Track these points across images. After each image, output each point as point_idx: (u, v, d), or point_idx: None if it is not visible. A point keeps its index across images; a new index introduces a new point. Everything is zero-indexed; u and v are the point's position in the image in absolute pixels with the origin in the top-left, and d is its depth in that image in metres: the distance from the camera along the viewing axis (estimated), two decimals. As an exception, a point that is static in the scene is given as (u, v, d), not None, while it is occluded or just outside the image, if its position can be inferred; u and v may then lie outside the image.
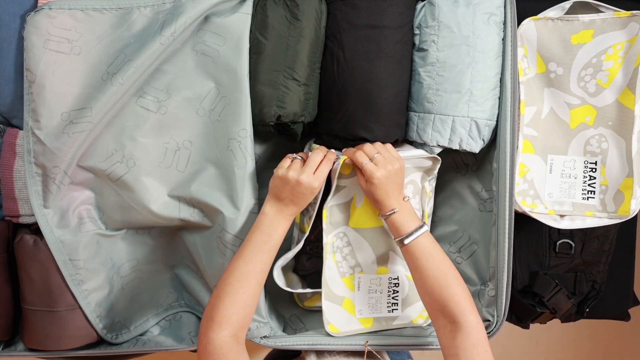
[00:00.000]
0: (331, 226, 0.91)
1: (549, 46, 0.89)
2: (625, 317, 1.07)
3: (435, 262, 0.80)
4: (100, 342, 0.93)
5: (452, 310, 0.77)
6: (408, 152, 0.89)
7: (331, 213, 0.90)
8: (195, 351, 0.96)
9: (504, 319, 0.90)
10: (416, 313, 0.96)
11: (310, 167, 0.81)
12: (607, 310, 1.04)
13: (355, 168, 0.87)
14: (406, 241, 0.82)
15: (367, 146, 0.85)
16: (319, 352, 0.94)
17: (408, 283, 0.94)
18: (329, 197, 0.87)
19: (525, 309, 0.99)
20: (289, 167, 0.82)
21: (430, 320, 0.94)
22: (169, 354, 0.99)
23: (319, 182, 0.81)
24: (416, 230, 0.82)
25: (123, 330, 0.95)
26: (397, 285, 0.94)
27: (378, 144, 0.87)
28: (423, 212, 0.95)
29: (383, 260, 0.93)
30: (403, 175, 0.86)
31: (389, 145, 0.87)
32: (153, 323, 0.99)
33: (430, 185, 0.95)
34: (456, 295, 0.78)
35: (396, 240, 0.84)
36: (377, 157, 0.83)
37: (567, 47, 0.88)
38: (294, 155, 0.85)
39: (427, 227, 0.84)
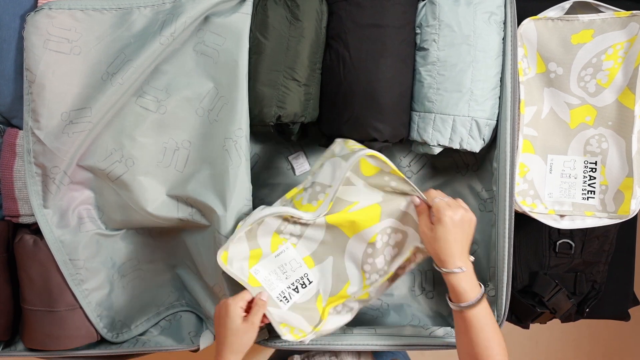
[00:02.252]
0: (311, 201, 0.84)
1: (549, 46, 0.89)
2: (625, 317, 1.07)
3: (488, 334, 0.75)
4: (100, 342, 0.93)
5: None
6: None
7: (325, 191, 0.83)
8: (194, 351, 0.96)
9: (504, 319, 0.90)
10: (290, 321, 0.85)
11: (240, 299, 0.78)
12: (607, 310, 1.04)
13: (417, 212, 0.80)
14: (466, 310, 0.75)
15: (438, 191, 0.80)
16: (303, 352, 0.93)
17: (314, 297, 0.86)
18: (335, 185, 0.80)
19: (525, 309, 0.99)
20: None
21: (289, 338, 0.84)
22: (169, 354, 0.99)
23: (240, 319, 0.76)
24: (478, 296, 0.75)
25: (124, 329, 0.95)
26: (304, 286, 0.86)
27: (448, 197, 0.80)
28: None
29: (318, 257, 0.85)
30: (473, 231, 0.79)
31: (459, 200, 0.80)
32: (154, 322, 0.99)
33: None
34: None
35: (453, 303, 0.77)
36: (447, 199, 0.77)
37: (567, 47, 0.88)
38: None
39: (484, 290, 0.77)
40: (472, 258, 0.79)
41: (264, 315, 0.81)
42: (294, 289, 0.85)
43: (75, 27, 0.82)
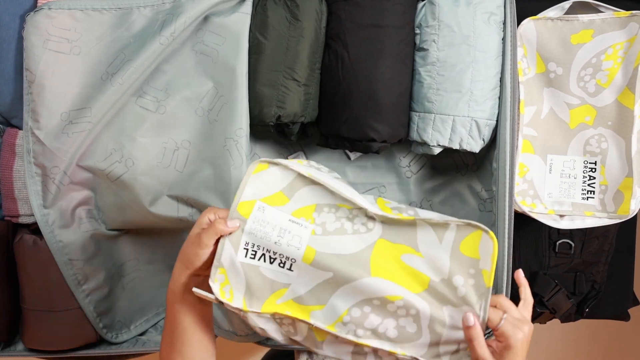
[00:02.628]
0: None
1: (549, 46, 0.89)
2: (625, 317, 1.07)
3: None
4: (100, 342, 0.93)
5: None
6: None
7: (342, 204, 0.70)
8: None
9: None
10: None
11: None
12: (607, 310, 1.04)
13: (466, 334, 0.64)
14: None
15: (503, 299, 0.67)
16: (311, 353, 0.92)
17: (283, 282, 0.68)
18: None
19: (525, 309, 0.99)
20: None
21: None
22: (169, 354, 0.99)
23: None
24: None
25: (123, 329, 0.95)
26: (280, 265, 0.68)
27: (501, 297, 0.68)
28: None
29: (319, 261, 0.67)
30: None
31: (525, 297, 0.70)
32: (153, 323, 0.99)
33: None
34: None
35: None
36: (514, 311, 0.65)
37: (567, 47, 0.88)
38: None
39: None
40: None
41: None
42: (269, 258, 0.68)
43: (75, 27, 0.82)
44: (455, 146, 0.88)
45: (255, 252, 0.68)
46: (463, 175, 1.01)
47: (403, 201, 1.04)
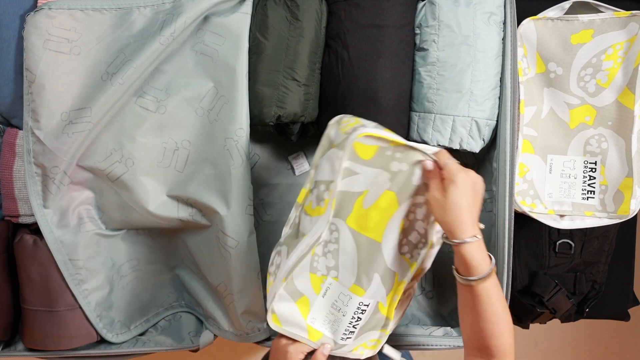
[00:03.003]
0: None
1: (549, 46, 0.89)
2: (625, 317, 1.07)
3: (497, 308, 0.71)
4: (100, 342, 0.93)
5: (494, 353, 0.72)
6: None
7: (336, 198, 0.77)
8: (194, 351, 0.96)
9: (504, 319, 0.90)
10: (360, 342, 0.82)
11: None
12: (607, 310, 1.04)
13: (428, 178, 0.73)
14: (473, 278, 0.70)
15: (448, 153, 0.73)
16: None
17: (374, 309, 0.79)
18: (337, 180, 0.73)
19: (525, 309, 0.99)
20: None
21: (372, 352, 0.82)
22: (169, 354, 0.99)
23: None
24: (489, 268, 0.70)
25: (123, 329, 0.95)
26: (363, 312, 0.79)
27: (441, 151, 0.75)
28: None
29: (364, 279, 0.77)
30: (483, 196, 0.73)
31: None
32: (153, 323, 0.99)
33: None
34: (505, 342, 0.72)
35: (462, 277, 0.71)
36: (451, 160, 0.71)
37: (567, 47, 0.88)
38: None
39: (494, 261, 0.72)
40: (481, 226, 0.72)
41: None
42: (355, 322, 0.79)
43: (75, 27, 0.82)
44: (456, 146, 0.88)
45: (348, 331, 0.80)
46: (463, 175, 1.01)
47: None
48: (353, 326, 0.79)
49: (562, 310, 0.99)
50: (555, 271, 0.99)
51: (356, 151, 0.73)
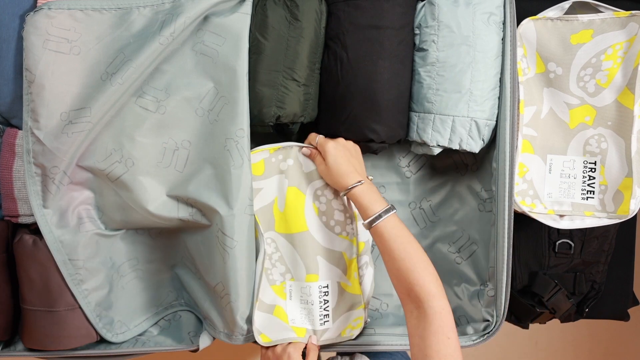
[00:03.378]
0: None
1: (549, 46, 0.89)
2: (625, 317, 1.07)
3: (403, 244, 0.78)
4: (100, 342, 0.93)
5: (417, 294, 0.75)
6: None
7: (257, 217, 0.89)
8: (194, 351, 0.96)
9: (503, 319, 0.90)
10: (345, 324, 0.92)
11: None
12: (606, 310, 1.04)
13: (311, 157, 0.88)
14: (372, 220, 0.81)
15: (314, 134, 0.89)
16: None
17: (338, 290, 0.91)
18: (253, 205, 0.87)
19: (524, 309, 0.99)
20: None
21: (358, 330, 0.92)
22: (169, 354, 0.99)
23: None
24: (384, 209, 0.80)
25: (123, 329, 0.95)
26: (326, 294, 0.90)
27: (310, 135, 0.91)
28: (351, 213, 0.92)
29: (312, 267, 0.89)
30: (361, 155, 0.88)
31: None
32: (153, 322, 0.99)
33: None
34: (421, 278, 0.76)
35: (364, 222, 0.83)
36: (319, 137, 0.87)
37: (567, 47, 0.88)
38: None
39: (395, 210, 0.82)
40: (371, 177, 0.87)
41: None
42: (324, 305, 0.90)
43: (74, 27, 0.82)
44: (455, 146, 0.88)
45: (322, 316, 0.91)
46: (463, 175, 1.01)
47: (403, 201, 1.04)
48: (324, 309, 0.90)
49: (562, 310, 0.99)
50: (555, 271, 0.99)
51: (254, 173, 0.87)
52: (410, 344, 0.75)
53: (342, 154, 0.85)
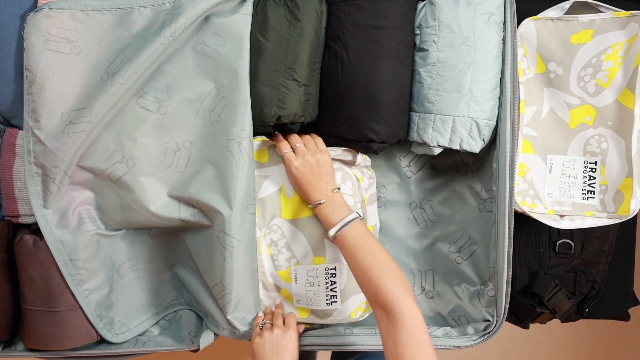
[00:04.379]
0: (263, 219, 0.92)
1: (549, 46, 0.89)
2: (625, 317, 1.07)
3: (363, 253, 0.79)
4: (100, 342, 0.93)
5: (383, 300, 0.74)
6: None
7: (262, 206, 0.91)
8: (195, 351, 0.96)
9: (504, 319, 0.90)
10: (354, 306, 0.93)
11: (279, 326, 0.85)
12: (607, 310, 1.04)
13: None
14: (332, 232, 0.83)
15: (293, 136, 0.89)
16: None
17: (346, 273, 0.92)
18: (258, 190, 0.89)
19: (525, 309, 0.99)
20: (259, 335, 0.85)
21: (368, 313, 0.94)
22: (169, 354, 0.99)
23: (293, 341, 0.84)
24: (342, 220, 0.82)
25: (123, 329, 0.95)
26: (334, 275, 0.92)
27: (306, 136, 0.90)
28: (361, 197, 0.93)
29: (319, 249, 0.91)
30: (329, 167, 0.88)
31: (316, 137, 0.90)
32: (153, 322, 0.99)
33: (361, 172, 0.95)
34: (384, 283, 0.75)
35: (327, 233, 0.85)
36: (298, 146, 0.87)
37: (567, 47, 0.88)
38: (262, 321, 0.88)
39: (355, 216, 0.83)
40: (336, 189, 0.87)
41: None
42: (332, 287, 0.91)
43: (75, 27, 0.82)
44: (456, 147, 0.88)
45: (330, 297, 0.93)
46: (463, 175, 1.01)
47: (403, 201, 1.04)
48: (332, 289, 0.91)
49: (562, 310, 0.99)
50: (555, 271, 0.99)
51: (255, 159, 0.88)
52: (385, 352, 0.73)
53: (304, 177, 0.86)
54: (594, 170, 0.91)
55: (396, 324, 0.71)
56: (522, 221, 0.96)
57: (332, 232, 0.83)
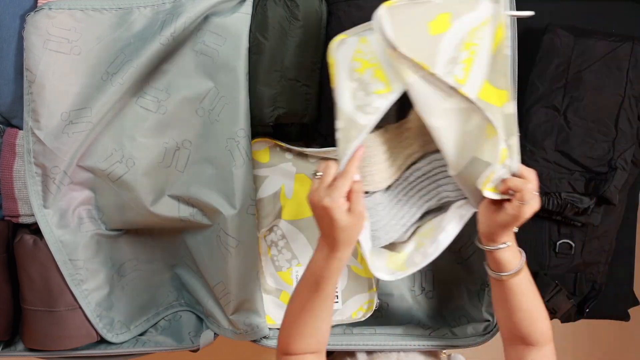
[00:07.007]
0: (263, 220, 0.91)
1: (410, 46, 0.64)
2: (625, 317, 1.06)
3: (530, 297, 0.75)
4: (100, 342, 0.93)
5: (535, 340, 0.77)
6: None
7: (262, 206, 0.90)
8: (194, 351, 0.96)
9: (504, 319, 0.90)
10: (355, 306, 0.93)
11: (335, 188, 0.66)
12: (607, 310, 1.04)
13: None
14: (507, 278, 0.73)
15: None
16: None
17: (348, 273, 0.91)
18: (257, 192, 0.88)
19: (525, 309, 0.98)
20: (316, 190, 0.67)
21: (370, 313, 0.93)
22: (169, 354, 0.99)
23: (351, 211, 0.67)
24: (520, 266, 0.73)
25: (123, 329, 0.95)
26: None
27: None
28: None
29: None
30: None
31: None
32: (153, 322, 0.99)
33: None
34: (543, 327, 0.77)
35: (494, 274, 0.74)
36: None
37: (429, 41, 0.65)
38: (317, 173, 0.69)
39: (525, 258, 0.75)
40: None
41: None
42: None
43: (75, 27, 0.82)
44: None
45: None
46: (463, 175, 1.01)
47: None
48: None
49: (562, 311, 0.99)
50: (556, 272, 0.99)
51: (255, 159, 0.88)
52: None
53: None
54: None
55: (535, 349, 0.78)
56: (522, 221, 0.95)
57: (503, 276, 0.73)
